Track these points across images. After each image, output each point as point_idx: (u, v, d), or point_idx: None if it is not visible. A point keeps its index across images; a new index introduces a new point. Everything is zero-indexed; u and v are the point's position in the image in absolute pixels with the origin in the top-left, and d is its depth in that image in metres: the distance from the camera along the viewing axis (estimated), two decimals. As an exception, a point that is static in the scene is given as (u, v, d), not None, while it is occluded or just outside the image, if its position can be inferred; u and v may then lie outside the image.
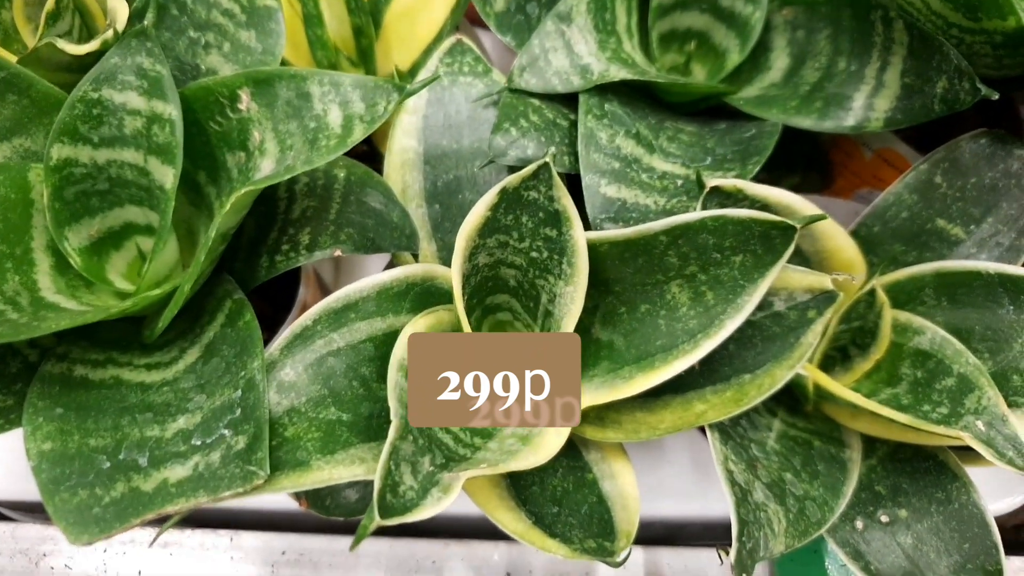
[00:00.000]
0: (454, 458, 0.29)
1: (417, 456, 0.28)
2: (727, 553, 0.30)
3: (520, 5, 0.39)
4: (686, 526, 0.44)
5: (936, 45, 0.35)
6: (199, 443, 0.28)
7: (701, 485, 0.43)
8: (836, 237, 0.36)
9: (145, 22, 0.32)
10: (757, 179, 0.38)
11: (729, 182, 0.32)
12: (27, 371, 0.31)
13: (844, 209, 0.43)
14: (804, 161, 0.45)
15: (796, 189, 0.43)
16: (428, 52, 0.40)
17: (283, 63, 0.36)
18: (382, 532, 0.40)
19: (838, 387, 0.35)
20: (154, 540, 0.27)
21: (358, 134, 0.29)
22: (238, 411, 0.28)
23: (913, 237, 0.39)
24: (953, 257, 0.38)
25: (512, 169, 0.36)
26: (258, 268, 0.33)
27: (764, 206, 0.33)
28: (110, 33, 0.34)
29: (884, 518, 0.35)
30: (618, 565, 0.29)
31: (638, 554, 0.40)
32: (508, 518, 0.31)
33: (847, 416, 0.37)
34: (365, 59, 0.40)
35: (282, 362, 0.30)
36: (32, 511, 0.42)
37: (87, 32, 0.40)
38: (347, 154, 0.37)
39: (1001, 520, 0.50)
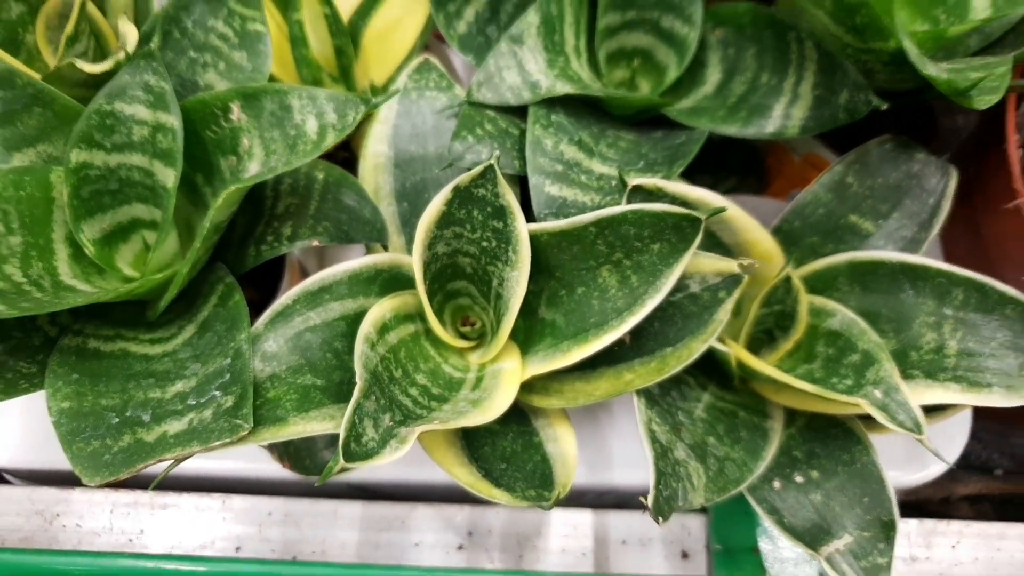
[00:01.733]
0: (412, 416, 0.34)
1: (379, 413, 0.33)
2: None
3: (481, 28, 0.44)
4: (636, 494, 0.49)
5: (838, 63, 0.40)
6: (194, 403, 0.33)
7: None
8: (754, 231, 0.40)
9: (151, 45, 0.38)
10: (700, 182, 0.43)
11: (650, 181, 0.37)
12: (48, 344, 0.36)
13: (778, 208, 0.48)
14: (741, 167, 0.49)
15: (736, 191, 0.48)
16: (400, 69, 0.45)
17: (271, 79, 0.41)
18: (358, 496, 0.45)
19: (757, 362, 0.40)
20: (155, 484, 0.32)
21: (330, 140, 0.34)
22: (227, 376, 0.33)
23: (830, 231, 0.43)
24: (863, 248, 0.43)
25: (471, 172, 0.41)
26: (247, 257, 0.38)
27: (684, 202, 0.38)
28: (122, 54, 0.39)
29: (799, 479, 0.40)
30: (548, 508, 0.34)
31: (588, 517, 0.45)
32: (461, 472, 0.36)
33: (771, 391, 0.42)
34: (345, 76, 0.45)
35: (266, 336, 0.35)
36: (46, 481, 0.47)
37: (100, 52, 0.45)
38: (330, 159, 0.43)
39: (928, 492, 0.55)
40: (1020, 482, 0.58)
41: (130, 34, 0.40)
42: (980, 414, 0.50)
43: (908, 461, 0.50)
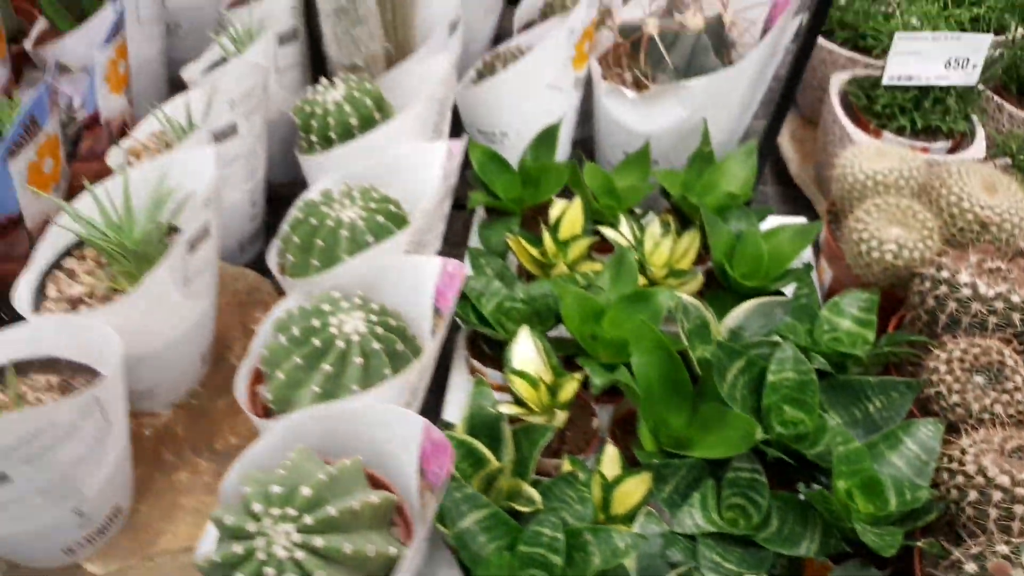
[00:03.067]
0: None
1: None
2: None
3: (672, 496, 1.02)
4: None
5: (832, 529, 0.95)
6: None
7: None
8: (797, 601, 0.92)
9: (550, 505, 0.96)
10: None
11: (752, 580, 0.91)
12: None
13: (810, 588, 1.00)
14: (789, 563, 1.03)
15: (787, 576, 1.01)
16: (636, 511, 1.02)
17: (585, 515, 0.98)
18: None
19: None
20: None
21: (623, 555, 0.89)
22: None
23: (833, 603, 0.95)
24: (849, 613, 0.93)
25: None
26: (585, 596, 0.91)
27: (766, 588, 0.91)
28: (536, 503, 0.97)
29: None
30: None
31: None
32: None
33: None
34: (607, 510, 1.02)
35: (600, 632, 0.87)
36: None
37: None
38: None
39: None
40: None
41: (535, 496, 0.98)
42: None
43: None
